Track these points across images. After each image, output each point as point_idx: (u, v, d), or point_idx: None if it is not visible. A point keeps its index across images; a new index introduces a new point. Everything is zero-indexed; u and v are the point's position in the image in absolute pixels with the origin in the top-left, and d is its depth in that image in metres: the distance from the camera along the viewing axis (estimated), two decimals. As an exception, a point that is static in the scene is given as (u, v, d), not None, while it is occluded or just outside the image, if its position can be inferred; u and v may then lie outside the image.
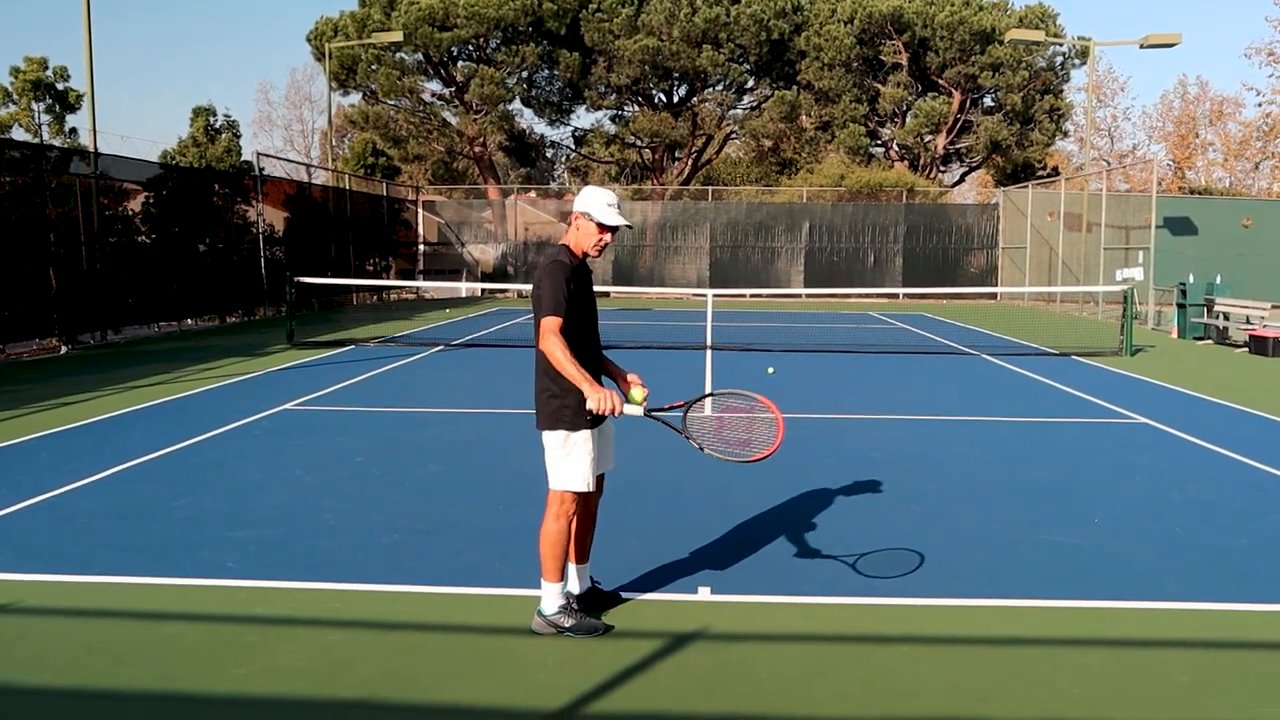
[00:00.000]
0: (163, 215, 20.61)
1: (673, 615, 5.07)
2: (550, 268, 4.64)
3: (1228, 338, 19.34)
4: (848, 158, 38.40)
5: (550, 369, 4.64)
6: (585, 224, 4.72)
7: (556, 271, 4.62)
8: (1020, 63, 37.00)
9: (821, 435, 9.78)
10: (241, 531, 6.38)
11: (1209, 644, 4.83)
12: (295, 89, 63.02)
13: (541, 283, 4.60)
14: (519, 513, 6.84)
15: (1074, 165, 50.18)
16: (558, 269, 4.63)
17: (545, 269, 4.64)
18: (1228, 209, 32.30)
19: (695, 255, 34.71)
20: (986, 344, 18.70)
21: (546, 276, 4.60)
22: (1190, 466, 8.58)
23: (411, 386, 12.77)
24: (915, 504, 7.22)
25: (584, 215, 4.71)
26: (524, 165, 44.86)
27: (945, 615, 5.14)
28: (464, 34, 35.01)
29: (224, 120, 33.14)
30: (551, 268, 4.64)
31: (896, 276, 33.86)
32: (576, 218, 4.75)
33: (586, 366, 4.61)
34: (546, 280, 4.59)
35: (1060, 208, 29.00)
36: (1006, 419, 10.88)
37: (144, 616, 5.03)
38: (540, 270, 4.67)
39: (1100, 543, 6.34)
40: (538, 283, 4.62)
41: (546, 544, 4.73)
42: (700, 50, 36.36)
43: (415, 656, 4.57)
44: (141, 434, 9.43)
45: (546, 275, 4.61)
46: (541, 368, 4.72)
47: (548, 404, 4.71)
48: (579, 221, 4.74)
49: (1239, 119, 56.53)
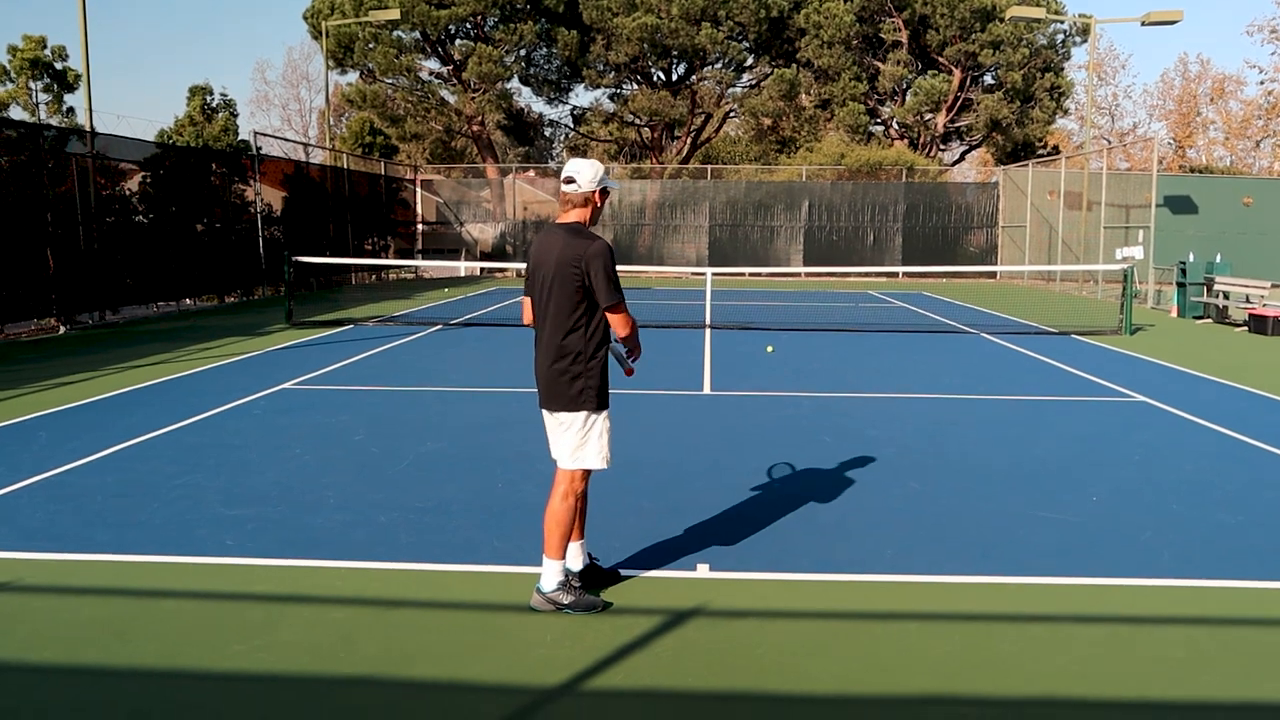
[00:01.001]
0: (160, 195, 20.55)
1: (671, 592, 5.08)
2: (606, 249, 4.64)
3: (1227, 317, 19.33)
4: (847, 136, 38.27)
5: (579, 351, 4.67)
6: (602, 197, 4.80)
7: (611, 254, 4.67)
8: (1021, 40, 36.82)
9: (820, 413, 9.79)
10: (240, 510, 6.39)
11: (1204, 620, 4.85)
12: (292, 68, 62.99)
13: (599, 265, 4.59)
14: (517, 490, 6.86)
15: (1074, 144, 50.07)
16: (611, 251, 4.67)
17: (601, 252, 4.61)
18: (1228, 188, 32.24)
19: (694, 234, 34.65)
20: (986, 323, 18.69)
21: (607, 259, 4.61)
22: (1188, 444, 8.60)
23: (410, 366, 12.78)
24: (913, 481, 7.23)
25: (600, 191, 4.76)
26: (522, 144, 44.70)
27: (943, 592, 5.16)
28: (461, 12, 34.82)
29: (221, 99, 33.03)
30: (607, 249, 4.65)
31: (896, 255, 33.81)
32: (596, 195, 4.76)
33: None
34: (608, 263, 4.62)
35: (1060, 186, 28.94)
36: (1006, 397, 10.89)
37: (144, 594, 5.05)
38: (589, 252, 4.60)
39: (1098, 520, 6.36)
40: (588, 265, 4.59)
41: (553, 521, 4.75)
42: (699, 28, 36.18)
43: (415, 634, 4.58)
44: (140, 413, 9.44)
45: (607, 258, 4.61)
46: (565, 349, 4.70)
47: (570, 385, 4.70)
48: (597, 198, 4.77)
49: (1240, 97, 56.42)
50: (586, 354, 4.69)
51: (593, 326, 4.70)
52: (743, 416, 9.62)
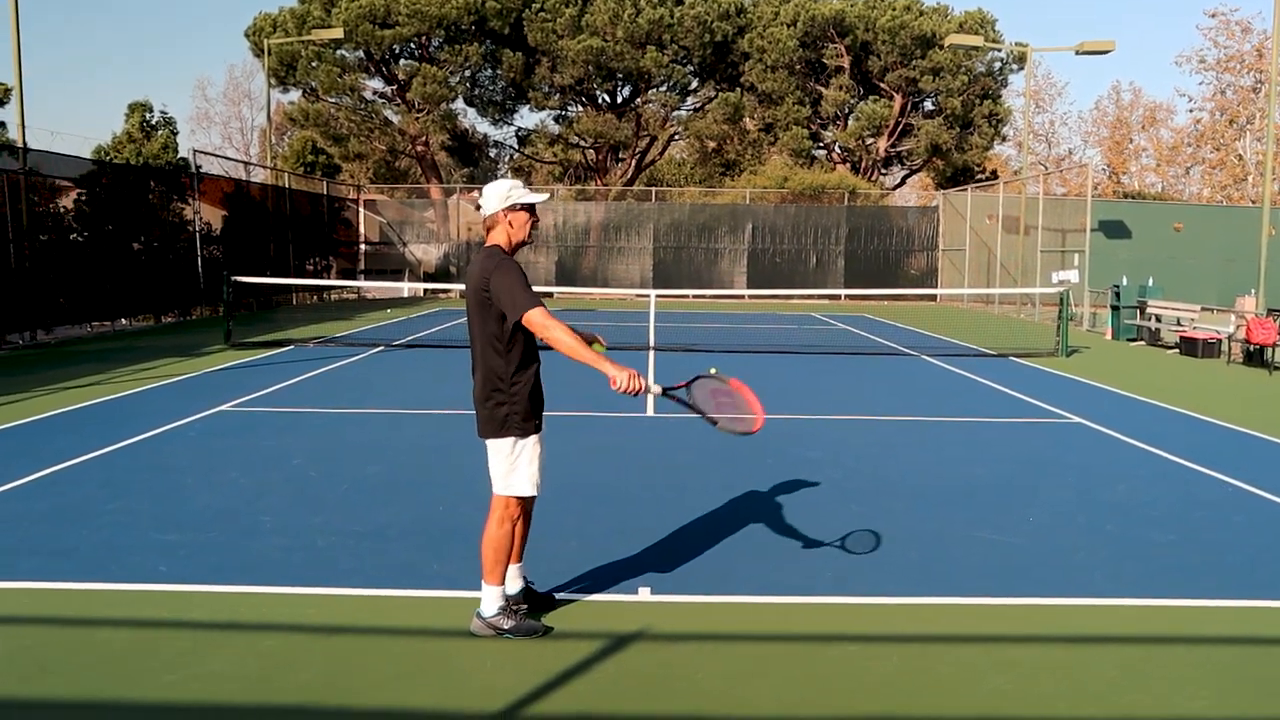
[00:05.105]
0: (96, 213, 20.17)
1: (613, 616, 5.06)
2: (506, 263, 4.56)
3: (1159, 339, 19.77)
4: (790, 159, 38.67)
5: (500, 376, 4.61)
6: (516, 215, 4.69)
7: (514, 266, 4.56)
8: (960, 67, 37.55)
9: (762, 436, 9.77)
10: (174, 535, 6.26)
11: (1137, 639, 4.93)
12: (234, 86, 62.29)
13: (500, 282, 4.49)
14: (457, 513, 6.80)
15: (1012, 169, 51.02)
16: (513, 264, 4.58)
17: (499, 266, 4.53)
18: (1160, 213, 33.09)
19: (638, 256, 34.76)
20: (926, 345, 18.93)
21: (505, 273, 4.50)
22: (1121, 465, 8.76)
23: (351, 387, 12.64)
24: (854, 503, 7.28)
25: (510, 209, 4.67)
26: (467, 165, 44.55)
27: (882, 614, 5.20)
28: (406, 32, 34.70)
29: (160, 117, 32.50)
30: (507, 263, 4.57)
31: (838, 278, 34.17)
32: (505, 215, 4.68)
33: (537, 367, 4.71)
34: (506, 276, 4.50)
35: (999, 211, 29.47)
36: (945, 419, 11.02)
37: (72, 623, 4.92)
38: (490, 270, 4.54)
39: (1034, 540, 6.45)
40: (490, 284, 4.50)
41: (490, 548, 4.70)
42: (644, 51, 36.40)
43: (354, 660, 4.51)
44: (72, 436, 9.22)
45: (505, 272, 4.51)
46: (488, 376, 4.64)
47: (494, 411, 4.63)
48: (510, 216, 4.68)
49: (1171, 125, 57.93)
50: (507, 379, 4.61)
51: (511, 351, 4.61)
52: (685, 439, 9.63)
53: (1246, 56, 51.77)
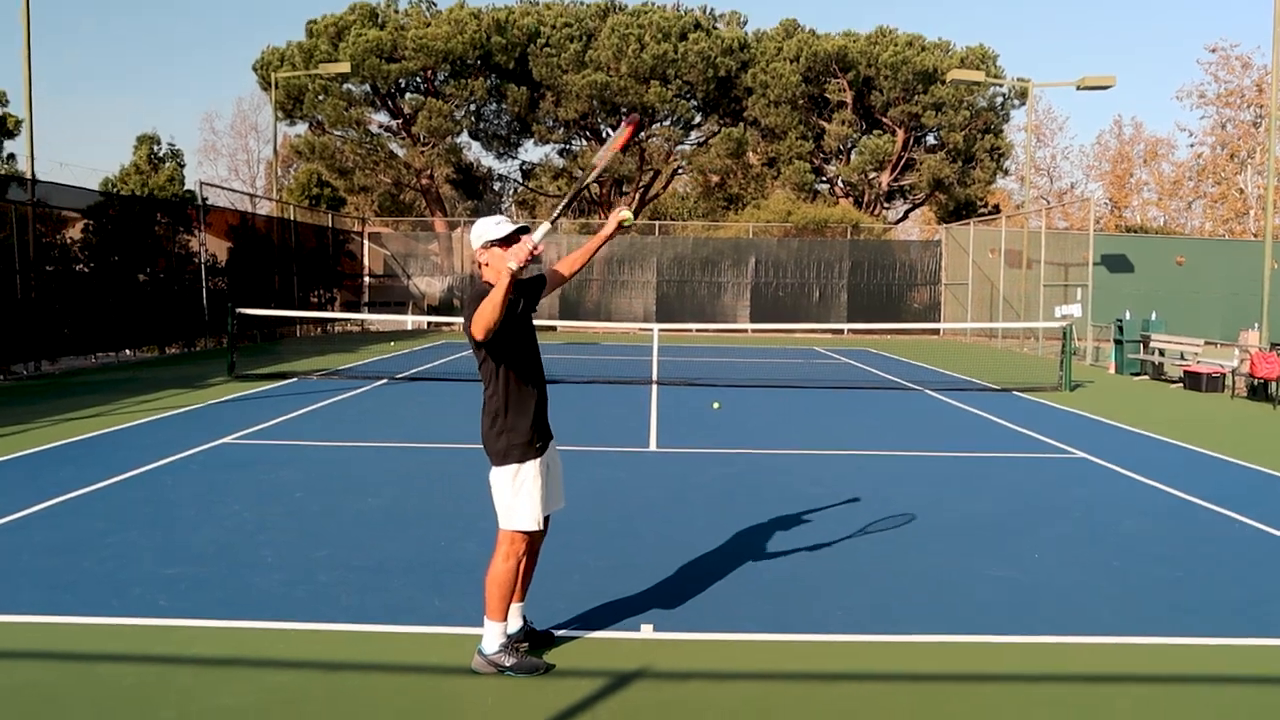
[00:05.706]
0: (102, 244, 20.26)
1: (615, 653, 5.03)
2: (477, 291, 4.64)
3: (1163, 373, 19.74)
4: (793, 194, 38.81)
5: (497, 408, 4.66)
6: (493, 253, 4.69)
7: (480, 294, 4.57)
8: (962, 102, 37.77)
9: (767, 470, 9.81)
10: (176, 569, 6.24)
11: (1147, 678, 4.89)
12: (241, 118, 62.39)
13: (467, 314, 4.55)
14: (459, 548, 6.77)
15: (1014, 203, 51.20)
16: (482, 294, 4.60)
17: (471, 300, 4.58)
18: (1162, 247, 33.14)
19: (642, 290, 34.81)
20: (929, 379, 18.91)
21: (472, 304, 4.54)
22: (1126, 500, 8.72)
23: (354, 420, 12.63)
24: (858, 539, 7.25)
25: (486, 248, 4.69)
26: (471, 198, 44.75)
27: (888, 652, 5.16)
28: (412, 66, 34.97)
29: (168, 149, 32.75)
30: (478, 291, 4.63)
31: (841, 312, 34.18)
32: (482, 252, 4.70)
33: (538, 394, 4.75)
34: (471, 305, 4.53)
35: (1001, 244, 29.52)
36: (948, 454, 10.99)
37: (74, 657, 4.89)
38: (467, 301, 4.66)
39: (1039, 577, 6.41)
40: (467, 314, 4.57)
41: (494, 583, 4.68)
42: (648, 86, 36.64)
43: (356, 697, 4.48)
44: (75, 468, 9.21)
45: (472, 303, 4.55)
46: (487, 407, 4.72)
47: (497, 440, 4.68)
48: (486, 256, 4.70)
49: (1172, 159, 58.15)
50: (503, 410, 4.66)
51: (501, 381, 4.67)
52: (689, 474, 9.60)
53: (1247, 91, 52.09)
